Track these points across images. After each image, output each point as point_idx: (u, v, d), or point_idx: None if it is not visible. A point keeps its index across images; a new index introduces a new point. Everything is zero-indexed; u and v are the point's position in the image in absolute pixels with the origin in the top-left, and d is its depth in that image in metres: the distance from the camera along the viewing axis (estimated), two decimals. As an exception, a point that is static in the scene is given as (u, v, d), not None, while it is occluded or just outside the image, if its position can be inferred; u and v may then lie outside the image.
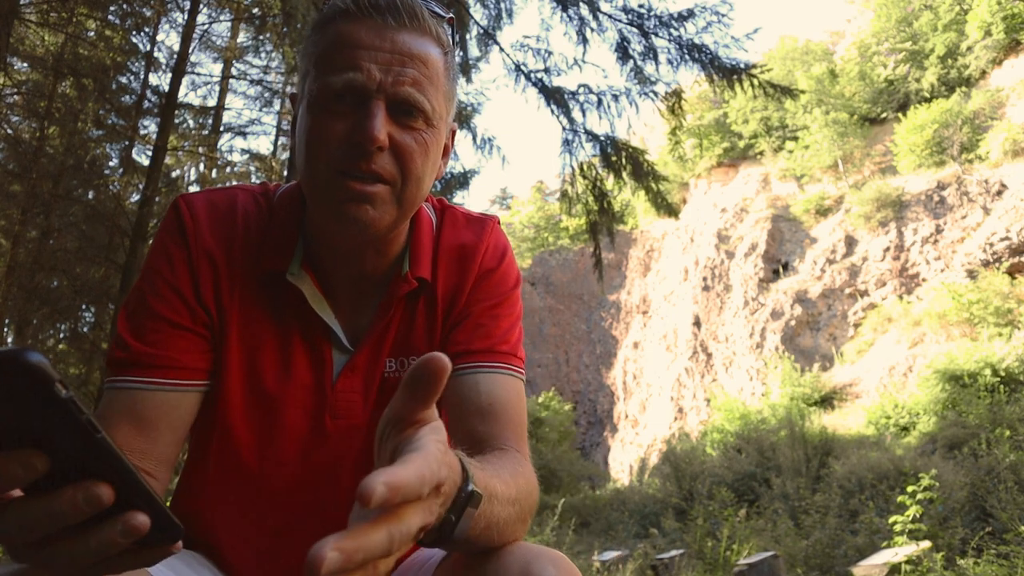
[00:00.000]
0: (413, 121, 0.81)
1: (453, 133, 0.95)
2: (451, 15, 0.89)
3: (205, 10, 8.94)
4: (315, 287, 0.89)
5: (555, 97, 6.64)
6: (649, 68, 6.60)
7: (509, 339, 0.93)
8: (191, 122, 10.91)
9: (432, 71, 0.82)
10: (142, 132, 9.78)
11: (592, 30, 6.63)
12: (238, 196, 0.94)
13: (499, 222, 1.03)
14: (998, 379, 14.75)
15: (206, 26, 9.39)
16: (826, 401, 21.58)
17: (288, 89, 10.94)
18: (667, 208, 7.18)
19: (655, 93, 6.68)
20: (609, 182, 6.96)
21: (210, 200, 0.92)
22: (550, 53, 6.81)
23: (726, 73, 6.45)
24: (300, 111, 0.85)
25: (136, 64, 9.86)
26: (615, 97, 6.65)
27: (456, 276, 0.95)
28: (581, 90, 6.71)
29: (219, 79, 10.53)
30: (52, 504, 0.45)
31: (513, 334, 0.95)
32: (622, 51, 6.61)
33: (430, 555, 0.92)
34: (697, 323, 31.27)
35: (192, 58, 9.26)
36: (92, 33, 8.74)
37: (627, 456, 30.60)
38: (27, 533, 0.46)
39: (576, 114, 6.73)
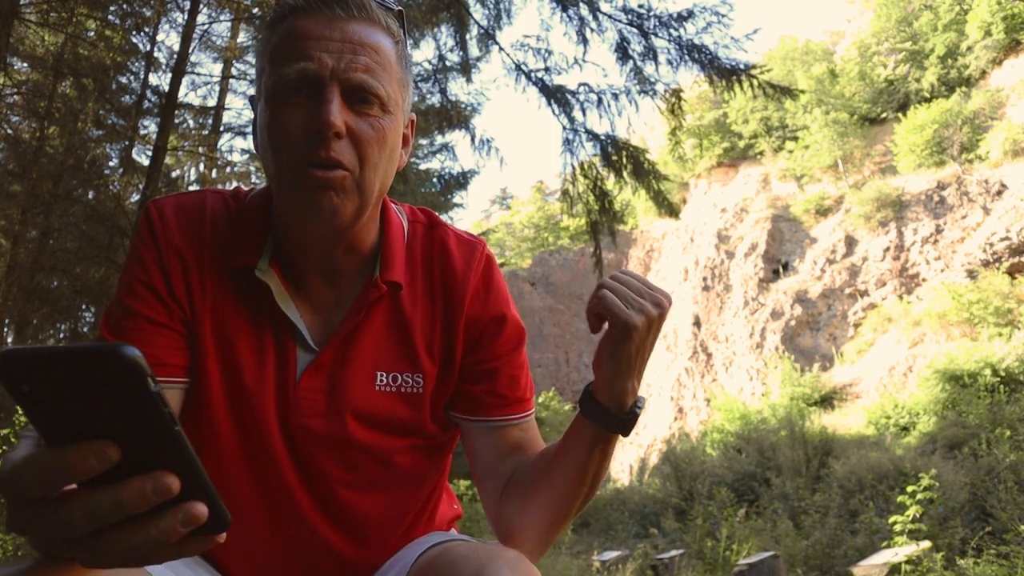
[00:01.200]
0: (368, 108, 0.83)
1: (412, 123, 0.96)
2: (400, 8, 0.91)
3: (205, 10, 8.93)
4: (281, 284, 0.90)
5: (555, 96, 6.64)
6: (649, 68, 6.60)
7: (529, 384, 1.02)
8: (191, 122, 10.91)
9: (384, 58, 0.84)
10: (142, 132, 9.78)
11: (592, 30, 6.63)
12: (207, 197, 0.96)
13: (487, 246, 1.03)
14: (998, 379, 14.74)
15: (206, 26, 9.37)
16: (826, 401, 21.58)
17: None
18: (668, 207, 7.18)
19: (655, 91, 6.69)
20: (610, 181, 6.96)
21: (178, 202, 0.94)
22: (550, 52, 6.82)
23: (725, 74, 6.45)
24: (259, 108, 0.86)
25: (136, 64, 9.86)
26: (615, 96, 6.66)
27: (447, 293, 0.96)
28: (581, 89, 6.71)
29: (219, 79, 10.53)
30: (121, 493, 0.45)
31: (528, 378, 1.03)
32: (622, 51, 6.61)
33: (404, 557, 0.93)
34: (697, 323, 31.28)
35: (192, 58, 9.26)
36: (92, 33, 8.73)
37: (627, 456, 30.60)
38: (92, 523, 0.46)
39: (576, 113, 6.73)
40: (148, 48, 9.54)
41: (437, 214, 1.04)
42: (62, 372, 0.43)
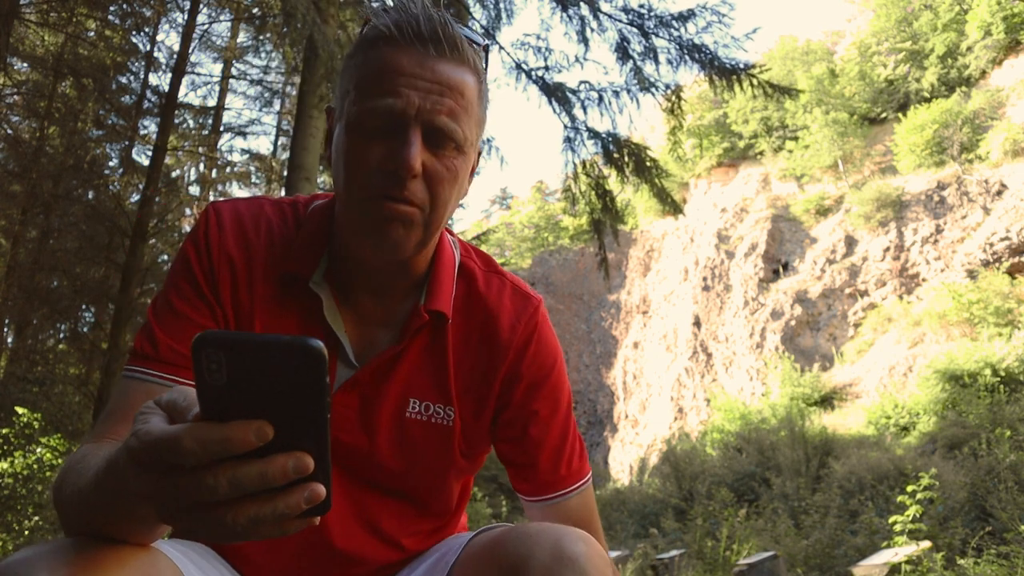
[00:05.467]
0: (445, 149, 0.84)
1: (479, 153, 0.97)
2: (486, 43, 0.93)
3: (205, 10, 8.94)
4: (333, 299, 0.91)
5: (556, 94, 6.64)
6: (649, 68, 6.60)
7: (576, 454, 1.02)
8: (191, 122, 10.93)
9: (468, 100, 0.85)
10: (142, 132, 9.78)
11: (592, 30, 6.63)
12: (264, 206, 0.97)
13: (542, 305, 1.02)
14: (998, 379, 14.72)
15: (206, 26, 9.39)
16: (826, 401, 21.56)
17: (288, 89, 10.93)
18: (671, 204, 7.17)
19: (655, 89, 6.69)
20: (611, 180, 6.96)
21: (235, 208, 0.96)
22: (550, 51, 6.81)
23: (725, 73, 6.45)
24: (338, 130, 0.86)
25: (136, 64, 9.88)
26: (616, 93, 6.65)
27: (491, 344, 0.96)
28: (582, 87, 6.70)
29: (219, 79, 10.55)
30: (266, 467, 0.49)
31: (574, 447, 1.03)
32: (622, 51, 6.61)
33: (446, 550, 0.94)
34: (697, 323, 31.26)
35: (192, 58, 9.27)
36: (92, 33, 8.74)
37: (627, 456, 30.59)
38: (233, 491, 0.49)
39: (577, 111, 6.73)
40: (148, 48, 9.55)
41: (496, 260, 1.05)
42: (254, 358, 0.47)
